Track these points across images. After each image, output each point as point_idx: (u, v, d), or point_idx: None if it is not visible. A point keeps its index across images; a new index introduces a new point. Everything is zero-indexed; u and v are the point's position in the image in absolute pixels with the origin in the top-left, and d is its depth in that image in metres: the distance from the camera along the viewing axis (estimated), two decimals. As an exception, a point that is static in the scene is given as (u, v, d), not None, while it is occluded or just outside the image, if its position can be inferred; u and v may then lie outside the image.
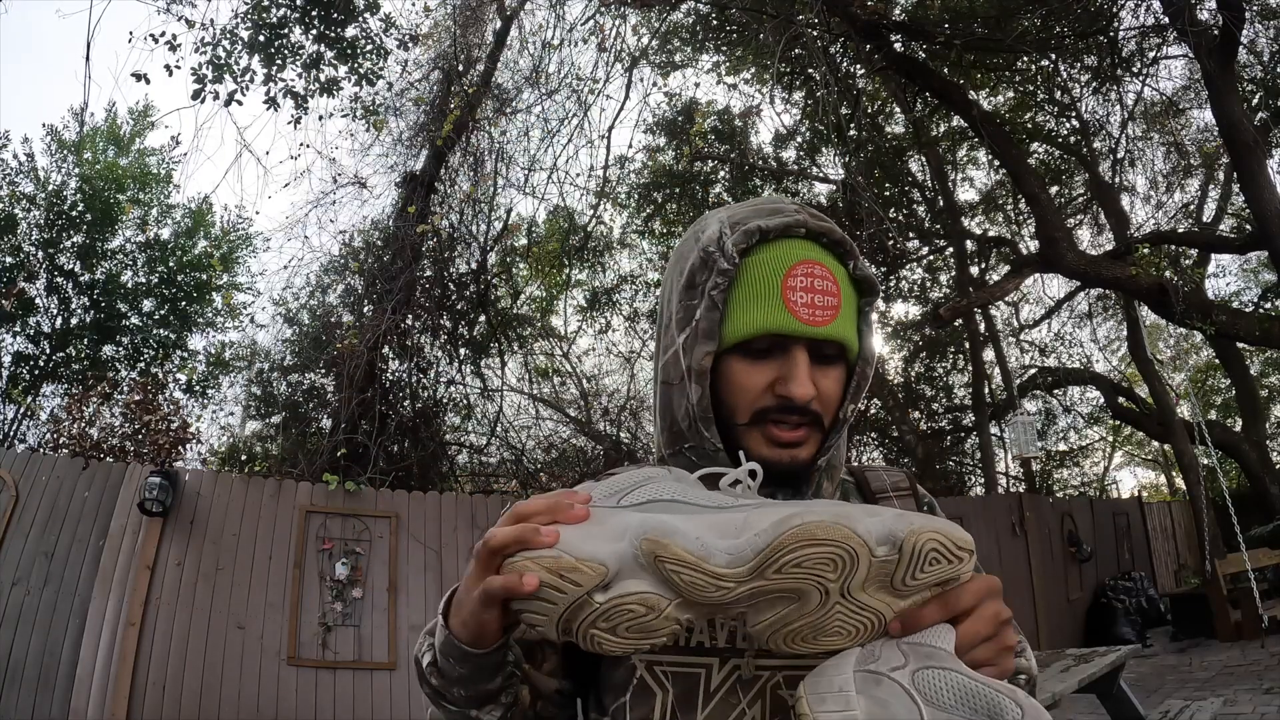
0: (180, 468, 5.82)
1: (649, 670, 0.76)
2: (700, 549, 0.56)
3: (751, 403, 0.76)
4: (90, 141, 11.99)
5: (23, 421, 10.49)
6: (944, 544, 0.56)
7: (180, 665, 4.91)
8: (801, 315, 0.74)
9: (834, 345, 0.77)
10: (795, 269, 0.75)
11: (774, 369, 0.76)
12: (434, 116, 8.17)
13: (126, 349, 12.01)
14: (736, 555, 0.55)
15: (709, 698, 0.74)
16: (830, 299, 0.75)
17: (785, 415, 0.75)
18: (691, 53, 9.98)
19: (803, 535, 0.54)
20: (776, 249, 0.76)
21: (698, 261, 0.78)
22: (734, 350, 0.76)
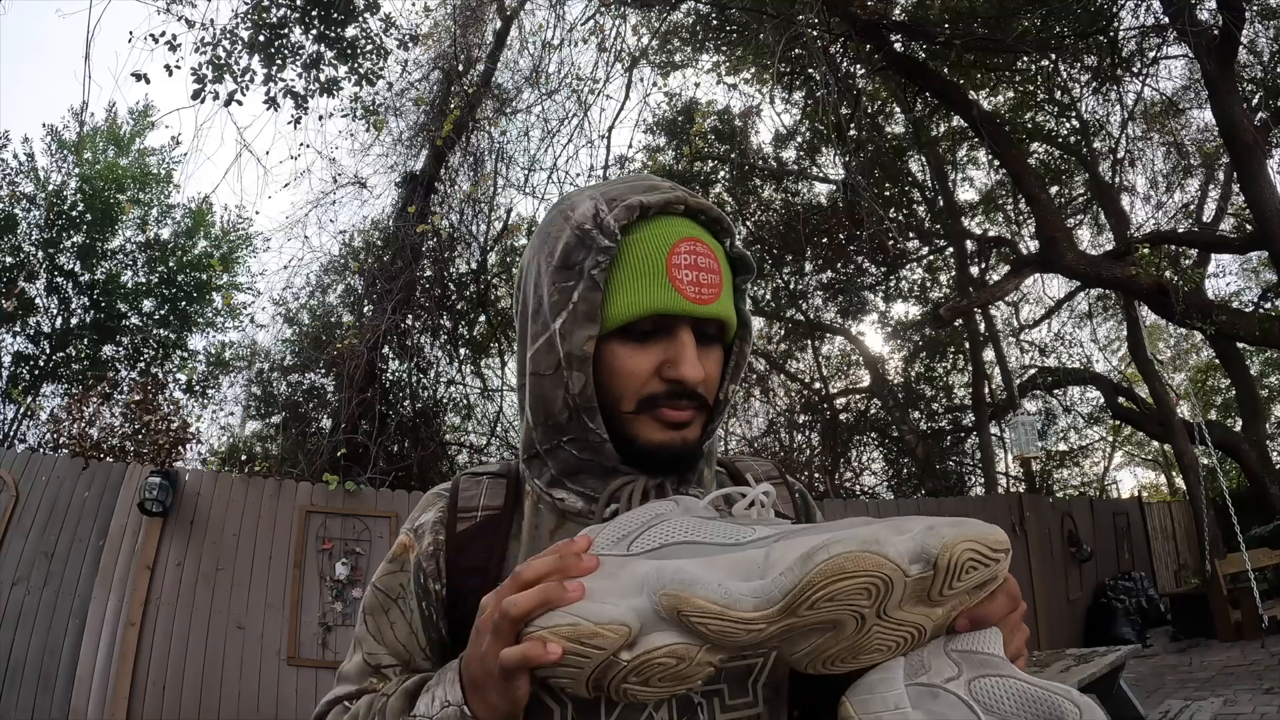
0: (180, 468, 5.82)
1: (542, 686, 0.67)
2: (724, 596, 0.53)
3: (639, 389, 0.72)
4: (90, 141, 11.99)
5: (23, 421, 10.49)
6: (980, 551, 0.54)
7: (180, 665, 4.91)
8: (689, 294, 0.70)
9: (715, 324, 0.73)
10: (678, 246, 0.71)
11: (659, 352, 0.71)
12: (434, 116, 8.17)
13: (126, 349, 12.01)
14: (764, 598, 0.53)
15: (612, 707, 0.69)
16: (714, 276, 0.72)
17: (676, 400, 0.72)
18: (691, 53, 9.98)
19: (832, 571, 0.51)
20: (657, 226, 0.72)
21: (573, 240, 0.72)
22: (615, 334, 0.72)
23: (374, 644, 0.78)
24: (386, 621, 0.78)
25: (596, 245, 0.70)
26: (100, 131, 12.14)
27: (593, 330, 0.70)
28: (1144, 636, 8.47)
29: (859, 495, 11.92)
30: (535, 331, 0.75)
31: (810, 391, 13.35)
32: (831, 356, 14.40)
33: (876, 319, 13.96)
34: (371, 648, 0.78)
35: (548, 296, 0.73)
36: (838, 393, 13.74)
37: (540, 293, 0.75)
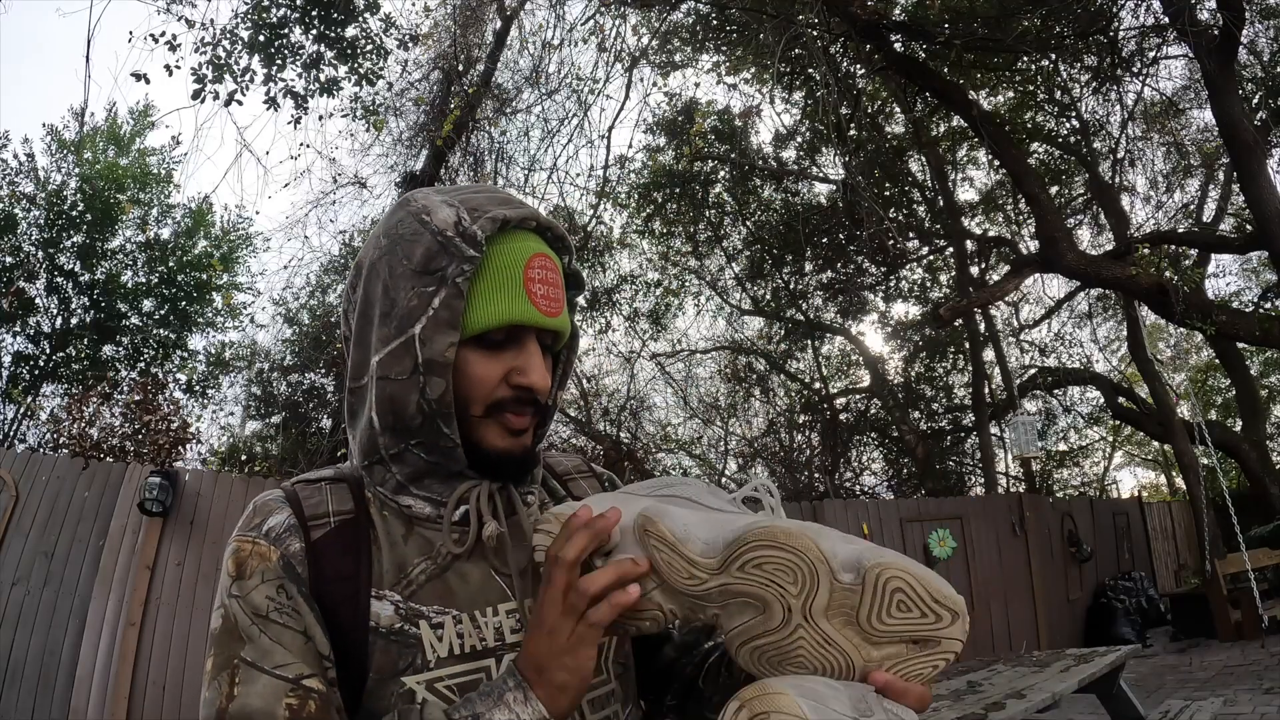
0: (180, 468, 5.82)
1: (430, 690, 0.71)
2: (682, 531, 0.61)
3: (488, 395, 0.75)
4: (90, 141, 11.99)
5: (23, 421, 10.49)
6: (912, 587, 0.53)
7: (180, 665, 4.91)
8: (541, 307, 0.74)
9: (552, 335, 0.78)
10: (533, 261, 0.75)
11: (509, 360, 0.75)
12: (434, 116, 8.17)
13: (126, 349, 12.01)
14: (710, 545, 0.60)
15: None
16: (558, 291, 0.77)
17: (521, 407, 0.76)
18: (691, 53, 9.98)
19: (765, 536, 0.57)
20: (514, 240, 0.75)
21: (435, 247, 0.73)
22: (469, 342, 0.74)
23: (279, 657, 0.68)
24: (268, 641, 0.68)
25: (461, 254, 0.72)
26: (100, 131, 12.13)
27: (454, 337, 0.72)
28: (1144, 636, 8.47)
29: (859, 495, 11.92)
30: (386, 335, 0.74)
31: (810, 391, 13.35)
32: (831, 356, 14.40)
33: (876, 319, 13.98)
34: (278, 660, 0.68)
35: (404, 300, 0.73)
36: (838, 393, 13.74)
37: (393, 295, 0.74)
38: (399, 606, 0.72)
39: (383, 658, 0.71)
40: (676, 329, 12.67)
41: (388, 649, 0.71)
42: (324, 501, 0.76)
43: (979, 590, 7.86)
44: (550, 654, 0.65)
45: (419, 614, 0.73)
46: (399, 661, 0.71)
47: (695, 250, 11.86)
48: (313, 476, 0.80)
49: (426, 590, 0.74)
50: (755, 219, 11.97)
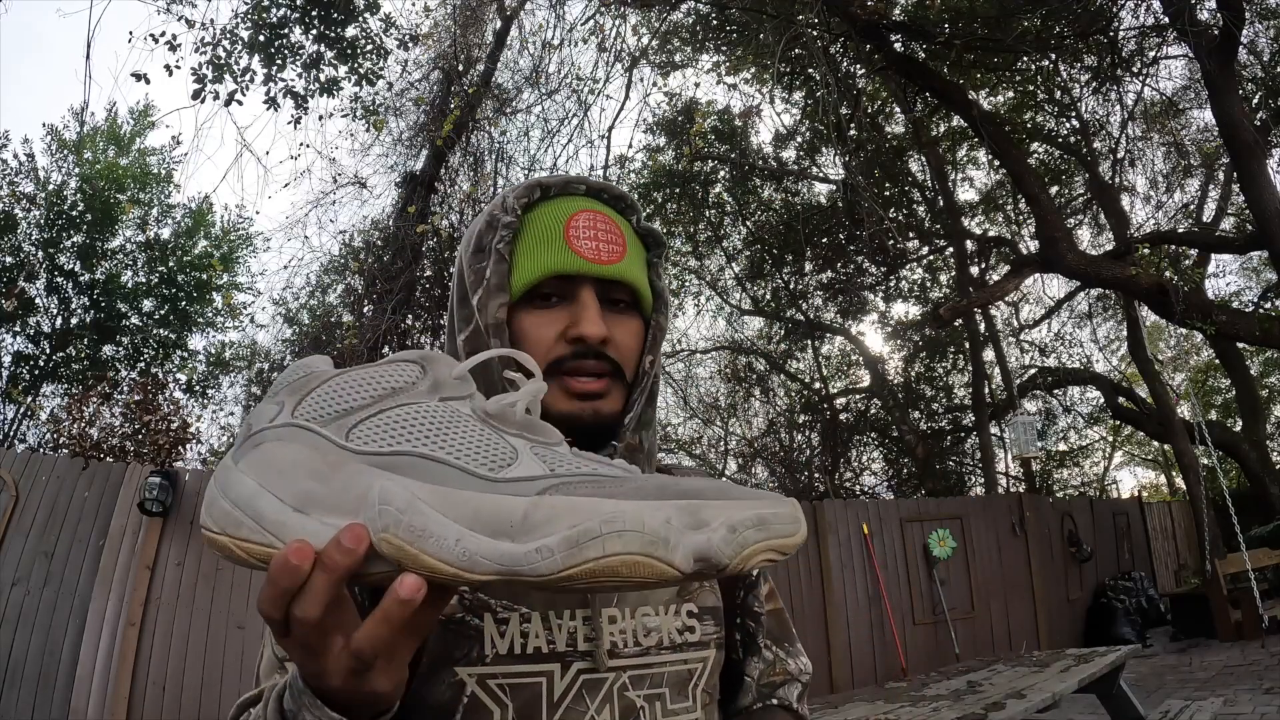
0: (180, 468, 5.82)
1: (481, 685, 0.67)
2: (461, 558, 0.42)
3: (545, 354, 0.72)
4: (90, 141, 11.99)
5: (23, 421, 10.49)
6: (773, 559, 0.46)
7: (180, 665, 4.91)
8: (586, 253, 0.72)
9: (624, 290, 0.75)
10: (576, 216, 0.74)
11: (564, 316, 0.72)
12: (434, 116, 8.18)
13: (126, 349, 12.01)
14: (510, 569, 0.42)
15: (554, 708, 0.68)
16: (615, 243, 0.74)
17: (581, 361, 0.71)
18: (691, 53, 9.98)
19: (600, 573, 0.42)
20: (558, 203, 0.76)
21: (483, 225, 0.76)
22: (523, 302, 0.73)
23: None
24: None
25: (500, 223, 0.74)
26: (100, 131, 12.14)
27: (503, 298, 0.72)
28: (1144, 636, 8.47)
29: (859, 495, 11.92)
30: (462, 316, 0.76)
31: (810, 391, 13.35)
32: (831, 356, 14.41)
33: (876, 319, 13.98)
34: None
35: (467, 281, 0.76)
36: (838, 393, 13.74)
37: (463, 281, 0.77)
38: (464, 595, 0.69)
39: (438, 645, 0.68)
40: (676, 329, 12.68)
41: (444, 636, 0.68)
42: None
43: (979, 590, 7.86)
44: (328, 690, 0.48)
45: (485, 605, 0.70)
46: (454, 651, 0.68)
47: (695, 250, 11.87)
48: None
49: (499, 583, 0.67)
50: (755, 219, 11.97)
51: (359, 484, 0.45)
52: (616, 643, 0.72)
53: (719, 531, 0.44)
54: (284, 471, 0.45)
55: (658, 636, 0.74)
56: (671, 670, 0.74)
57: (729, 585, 0.84)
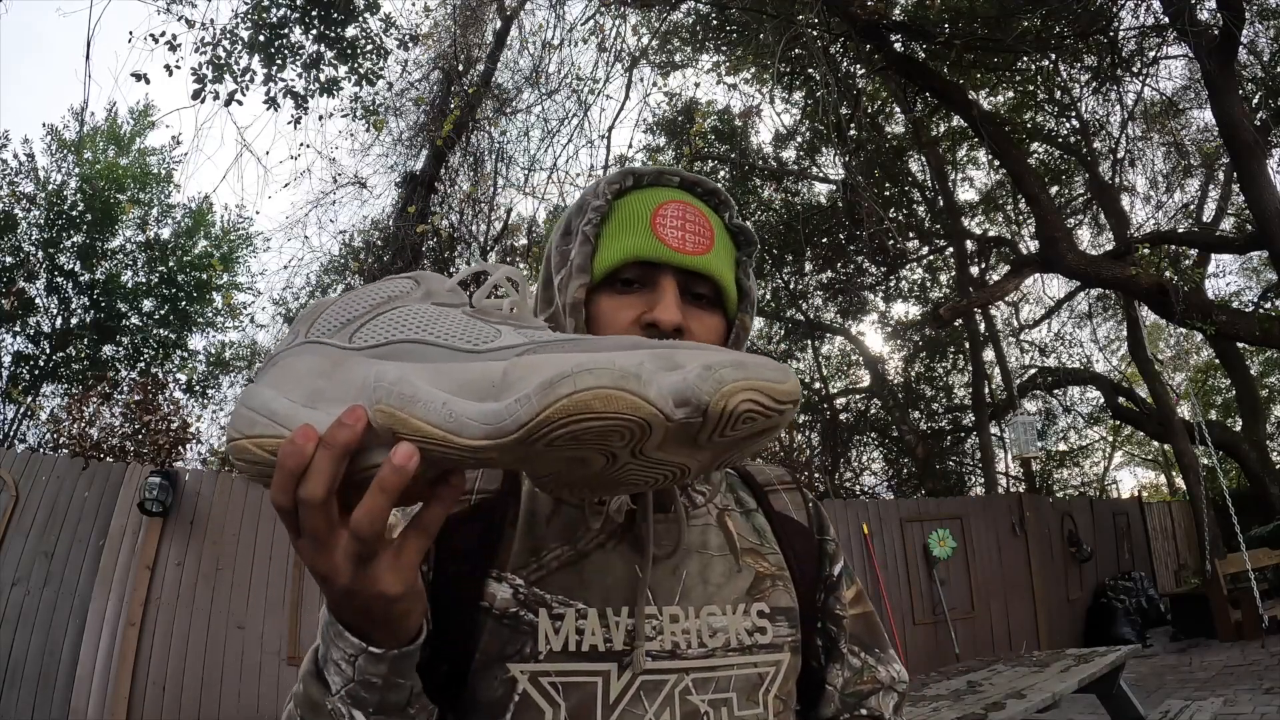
0: (180, 468, 5.82)
1: (533, 683, 0.65)
2: (447, 420, 0.44)
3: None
4: (90, 141, 11.99)
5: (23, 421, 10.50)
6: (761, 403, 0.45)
7: (180, 665, 4.91)
8: (670, 242, 0.71)
9: (708, 284, 0.73)
10: (665, 205, 0.73)
11: (642, 302, 0.72)
12: (434, 116, 8.18)
13: (126, 349, 12.02)
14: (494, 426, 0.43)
15: (609, 709, 0.66)
16: (702, 235, 0.73)
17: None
18: (691, 53, 9.98)
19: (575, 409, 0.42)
20: (649, 192, 0.76)
21: (574, 210, 0.77)
22: (603, 286, 0.73)
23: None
24: None
25: (590, 207, 0.74)
26: (100, 131, 12.14)
27: (584, 279, 0.72)
28: (1144, 636, 8.47)
29: (859, 495, 11.93)
30: (545, 299, 0.77)
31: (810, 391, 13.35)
32: (831, 356, 14.41)
33: (876, 319, 13.98)
34: None
35: (553, 263, 0.77)
36: (838, 393, 13.75)
37: (549, 265, 0.78)
38: (519, 591, 0.68)
39: (491, 640, 0.67)
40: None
41: (498, 632, 0.67)
42: (473, 478, 0.74)
43: (979, 590, 7.86)
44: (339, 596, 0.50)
45: (540, 601, 0.68)
46: (507, 647, 0.66)
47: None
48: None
49: (557, 577, 0.69)
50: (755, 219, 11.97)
51: (360, 374, 0.48)
52: (679, 643, 0.69)
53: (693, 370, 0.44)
54: (296, 377, 0.49)
55: (725, 637, 0.71)
56: (739, 674, 0.70)
57: (808, 586, 0.80)
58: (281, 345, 0.53)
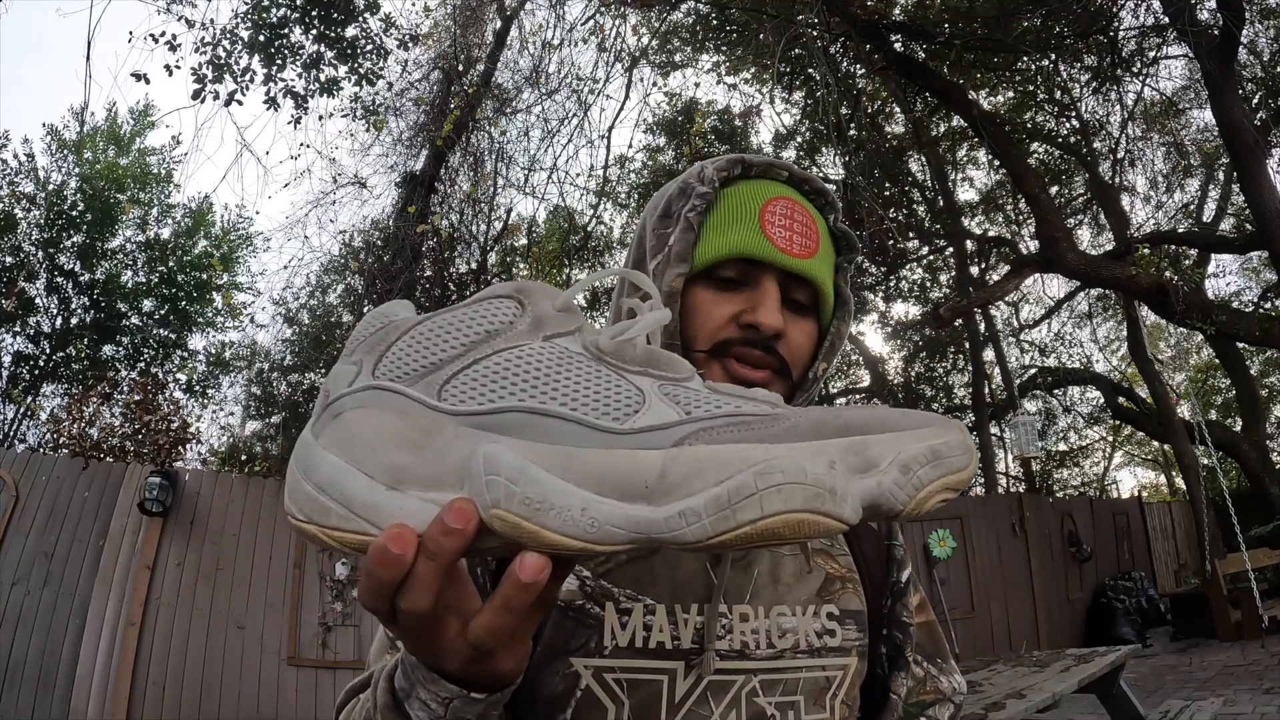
0: (180, 468, 5.82)
1: (597, 679, 0.63)
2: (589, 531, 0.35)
3: (714, 332, 0.69)
4: (90, 141, 11.99)
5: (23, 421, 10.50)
6: (951, 495, 0.39)
7: (180, 665, 4.91)
8: (778, 242, 0.68)
9: (807, 291, 0.71)
10: (775, 201, 0.70)
11: (742, 301, 0.69)
12: (434, 116, 8.17)
13: (126, 349, 12.02)
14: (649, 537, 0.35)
15: (674, 709, 0.63)
16: (809, 238, 0.70)
17: (749, 348, 0.68)
18: (691, 53, 9.98)
19: (761, 535, 0.35)
20: (757, 185, 0.72)
21: (675, 191, 0.74)
22: (702, 278, 0.70)
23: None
24: None
25: (695, 191, 0.71)
26: (100, 131, 12.14)
27: (683, 269, 0.69)
28: (1144, 636, 8.47)
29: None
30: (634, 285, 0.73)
31: (810, 391, 13.34)
32: (831, 356, 14.39)
33: (876, 319, 13.98)
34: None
35: (649, 244, 0.73)
36: (838, 393, 13.75)
37: (644, 244, 0.74)
38: (586, 583, 0.65)
39: (554, 632, 0.64)
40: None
41: (562, 624, 0.64)
42: None
43: (979, 590, 7.86)
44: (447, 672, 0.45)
45: (607, 594, 0.65)
46: (570, 640, 0.63)
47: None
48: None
49: (626, 570, 0.66)
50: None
51: (458, 451, 0.37)
52: (748, 643, 0.67)
53: (890, 473, 0.37)
54: (370, 444, 0.38)
55: (794, 639, 0.69)
56: (808, 676, 0.68)
57: (876, 591, 0.78)
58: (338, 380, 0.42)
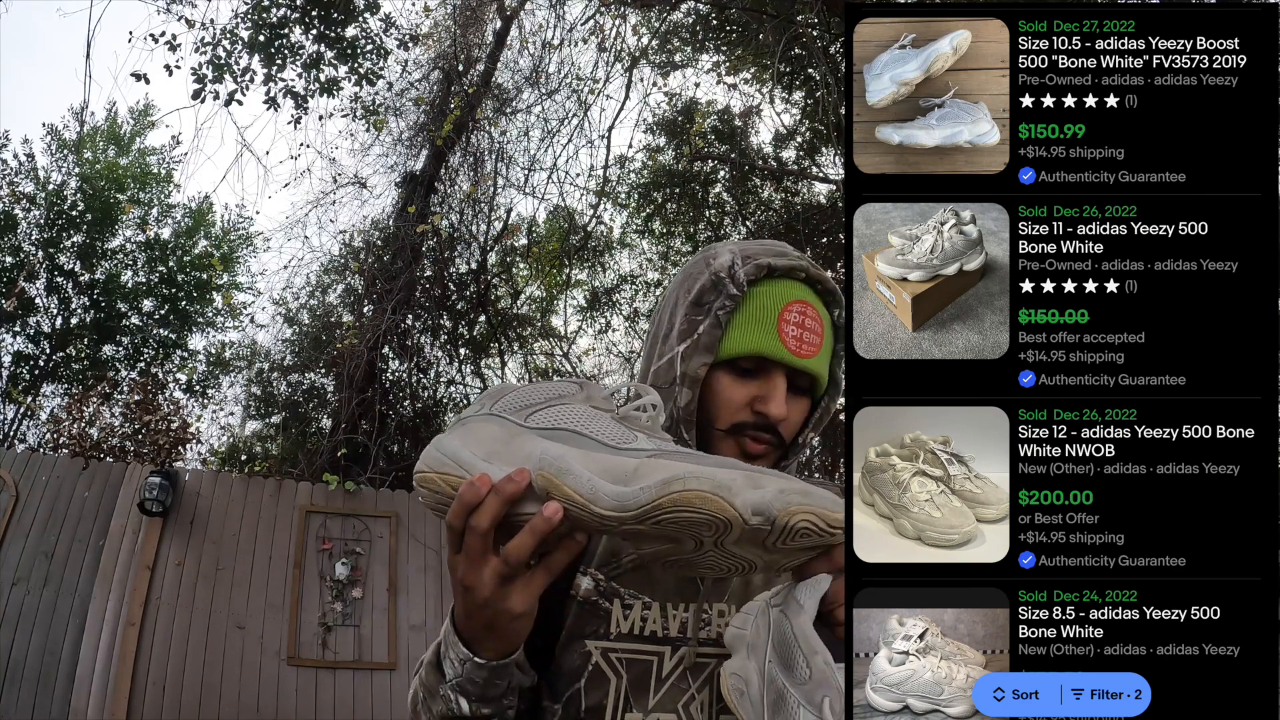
0: (180, 468, 5.82)
1: (604, 657, 0.81)
2: (590, 491, 0.60)
3: (732, 415, 0.85)
4: (90, 141, 11.99)
5: (23, 421, 10.50)
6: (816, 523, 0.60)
7: (180, 665, 4.91)
8: (790, 345, 0.84)
9: (807, 378, 0.87)
10: (792, 305, 0.85)
11: (755, 388, 0.85)
12: (434, 116, 8.17)
13: (126, 349, 12.01)
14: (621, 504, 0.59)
15: (660, 683, 0.81)
16: (816, 337, 0.86)
17: (759, 432, 0.85)
18: (691, 53, 9.98)
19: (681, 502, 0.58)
20: (779, 286, 0.87)
21: (709, 283, 0.87)
22: (723, 366, 0.85)
23: None
24: None
25: (726, 291, 0.85)
26: (100, 131, 12.13)
27: (708, 359, 0.85)
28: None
29: (859, 495, 11.91)
30: (660, 352, 0.89)
31: (810, 391, 13.36)
32: (831, 356, 14.40)
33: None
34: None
35: (678, 325, 0.88)
36: (838, 393, 13.74)
37: (673, 320, 0.89)
38: (600, 583, 0.84)
39: (574, 621, 0.83)
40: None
41: (580, 614, 0.83)
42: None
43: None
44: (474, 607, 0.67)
45: (615, 593, 0.83)
46: (585, 627, 0.83)
47: (695, 250, 11.87)
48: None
49: (630, 576, 0.84)
50: (755, 219, 11.97)
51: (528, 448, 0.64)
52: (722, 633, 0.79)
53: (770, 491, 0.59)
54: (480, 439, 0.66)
55: None
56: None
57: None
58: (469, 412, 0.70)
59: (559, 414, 0.67)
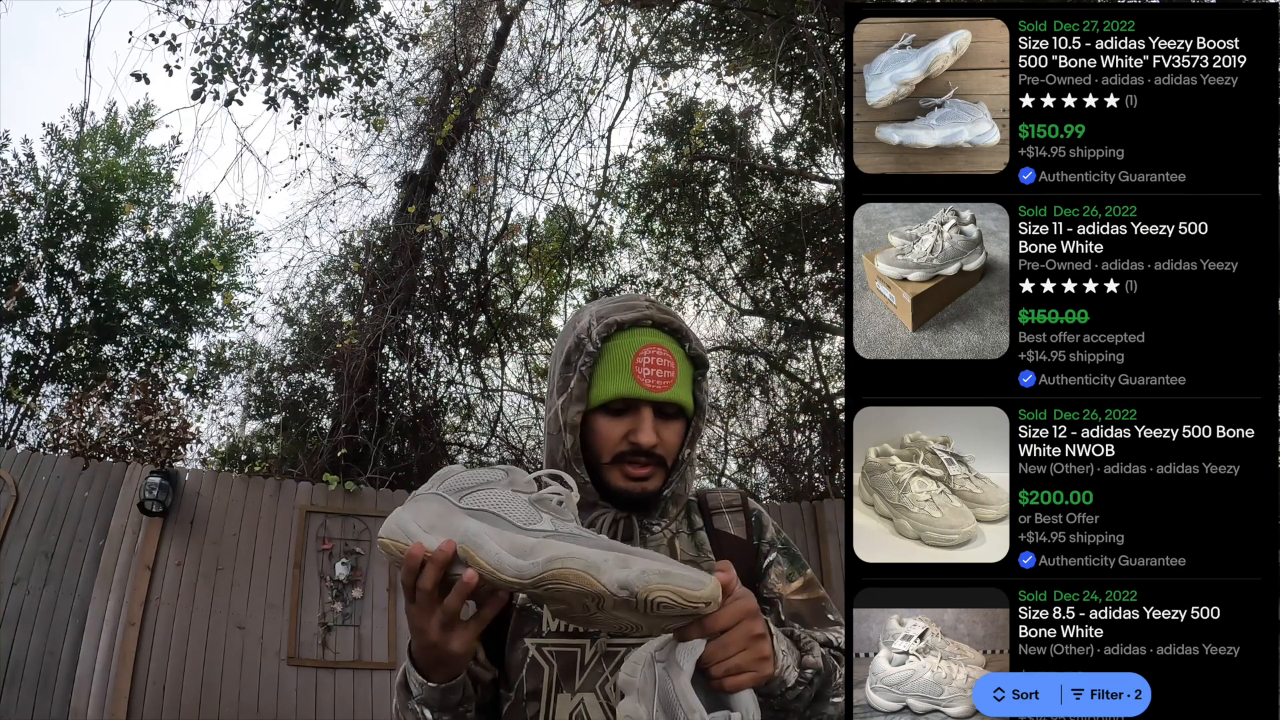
0: (180, 468, 5.82)
1: (539, 651, 1.01)
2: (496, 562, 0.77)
3: (612, 449, 1.03)
4: (90, 141, 11.99)
5: (23, 421, 10.49)
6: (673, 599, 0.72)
7: (180, 665, 4.91)
8: (646, 384, 1.00)
9: (673, 406, 1.03)
10: (642, 351, 1.01)
11: (627, 424, 1.02)
12: (434, 116, 8.17)
13: (126, 349, 12.00)
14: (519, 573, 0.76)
15: (584, 669, 0.99)
16: (670, 373, 1.02)
17: (635, 457, 1.02)
18: (691, 53, 9.98)
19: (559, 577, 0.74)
20: (630, 336, 1.03)
21: (573, 345, 1.05)
22: (599, 410, 1.03)
23: None
24: None
25: (585, 349, 1.03)
26: (100, 131, 12.13)
27: (580, 407, 1.03)
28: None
29: (859, 495, 11.89)
30: (550, 405, 1.09)
31: (810, 391, 13.35)
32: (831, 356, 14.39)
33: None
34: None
35: (556, 383, 1.07)
36: (837, 393, 13.74)
37: (553, 379, 1.09)
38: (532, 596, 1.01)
39: (516, 623, 1.02)
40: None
41: (521, 618, 1.02)
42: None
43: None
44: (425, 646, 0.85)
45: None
46: (524, 627, 1.02)
47: (695, 250, 11.87)
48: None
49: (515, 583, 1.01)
50: (755, 219, 11.97)
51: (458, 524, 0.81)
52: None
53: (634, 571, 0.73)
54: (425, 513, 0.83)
55: None
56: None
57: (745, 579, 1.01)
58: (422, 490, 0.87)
59: (484, 497, 0.83)
